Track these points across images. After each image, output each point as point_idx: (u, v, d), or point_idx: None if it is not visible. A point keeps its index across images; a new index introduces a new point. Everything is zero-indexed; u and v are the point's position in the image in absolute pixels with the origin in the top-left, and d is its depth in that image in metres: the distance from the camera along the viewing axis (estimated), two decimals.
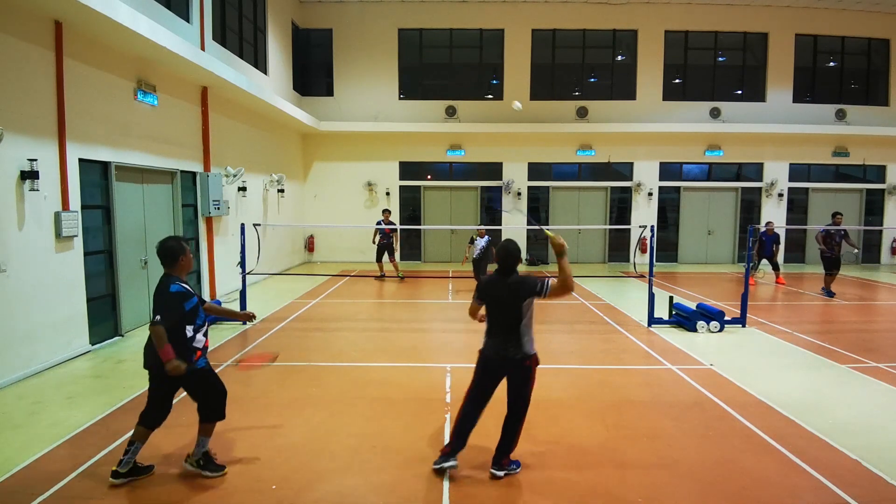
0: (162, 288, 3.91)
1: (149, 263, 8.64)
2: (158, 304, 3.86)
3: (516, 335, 3.93)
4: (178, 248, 4.05)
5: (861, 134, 16.64)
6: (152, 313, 3.86)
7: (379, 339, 7.86)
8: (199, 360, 4.03)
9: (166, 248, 4.02)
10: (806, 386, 6.01)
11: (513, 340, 3.93)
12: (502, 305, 3.97)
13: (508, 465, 4.04)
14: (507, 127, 16.52)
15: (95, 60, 7.30)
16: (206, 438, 4.07)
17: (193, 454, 4.05)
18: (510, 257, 4.02)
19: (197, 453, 4.03)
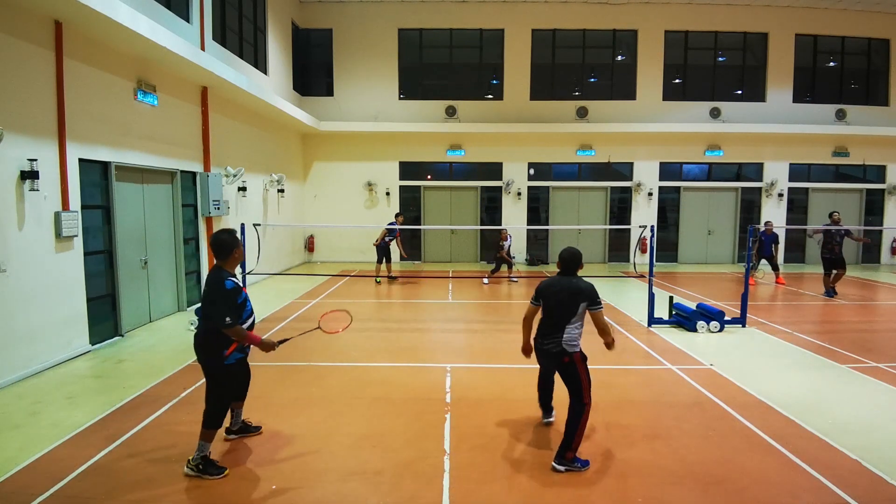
0: (217, 284, 3.91)
1: (149, 263, 8.65)
2: (217, 300, 3.88)
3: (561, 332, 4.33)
4: (233, 241, 4.08)
5: (861, 134, 16.64)
6: (208, 308, 3.92)
7: (379, 339, 7.86)
8: (231, 354, 4.05)
9: (221, 241, 4.03)
10: (806, 386, 6.01)
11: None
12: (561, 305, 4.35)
13: (572, 462, 4.09)
14: (507, 127, 16.53)
15: (95, 60, 7.30)
16: (206, 444, 4.04)
17: (193, 458, 4.02)
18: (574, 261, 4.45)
19: (196, 458, 4.01)
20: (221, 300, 3.88)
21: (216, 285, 3.91)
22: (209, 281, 3.96)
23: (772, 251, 13.00)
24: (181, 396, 5.55)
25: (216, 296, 3.88)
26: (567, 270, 4.38)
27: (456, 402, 5.47)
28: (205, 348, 4.03)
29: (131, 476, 3.98)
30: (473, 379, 6.19)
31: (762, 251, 13.02)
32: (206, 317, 3.98)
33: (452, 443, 4.56)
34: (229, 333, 3.92)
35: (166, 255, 9.24)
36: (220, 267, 4.03)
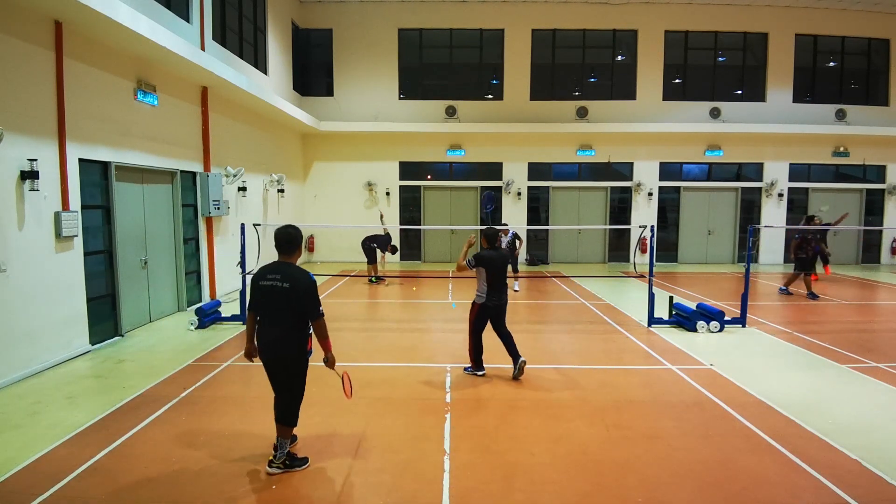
0: (307, 277, 3.98)
1: (149, 263, 8.64)
2: (312, 295, 3.95)
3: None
4: (300, 235, 4.17)
5: (861, 134, 16.64)
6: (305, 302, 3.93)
7: (379, 339, 7.86)
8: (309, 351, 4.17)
9: (291, 235, 4.09)
10: (806, 386, 6.01)
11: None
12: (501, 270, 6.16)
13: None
14: (507, 127, 16.53)
15: (95, 60, 7.30)
16: (285, 440, 4.05)
17: (276, 458, 4.02)
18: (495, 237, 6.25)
19: (280, 456, 4.02)
20: (314, 293, 3.98)
21: (307, 279, 3.98)
22: (292, 277, 3.95)
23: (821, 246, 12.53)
24: (181, 396, 5.55)
25: (307, 290, 3.95)
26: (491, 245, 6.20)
27: (456, 402, 5.47)
28: (297, 345, 4.03)
29: (131, 476, 3.98)
30: (473, 379, 6.19)
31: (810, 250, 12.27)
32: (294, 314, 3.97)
33: (452, 443, 4.56)
34: (320, 325, 4.01)
35: (166, 255, 9.24)
36: (289, 262, 4.08)
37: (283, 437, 4.05)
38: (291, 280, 3.95)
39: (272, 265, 4.09)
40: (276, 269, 4.02)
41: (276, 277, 3.97)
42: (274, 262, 4.12)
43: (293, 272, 3.99)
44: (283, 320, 3.97)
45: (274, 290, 3.96)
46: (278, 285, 3.95)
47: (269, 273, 4.02)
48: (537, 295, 11.84)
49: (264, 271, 4.07)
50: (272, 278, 3.98)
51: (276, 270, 4.01)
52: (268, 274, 4.03)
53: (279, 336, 4.00)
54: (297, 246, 4.14)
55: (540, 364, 6.77)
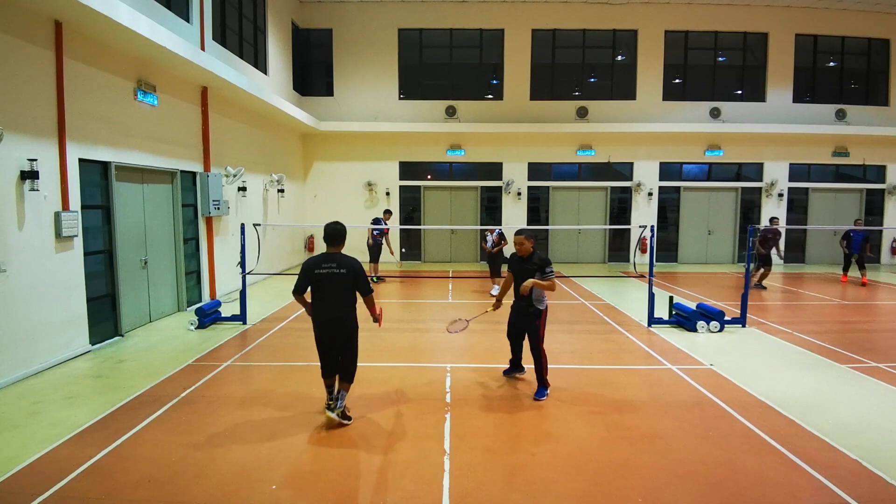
0: (354, 262, 4.82)
1: (149, 263, 8.64)
2: (363, 276, 4.82)
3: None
4: (345, 230, 4.98)
5: (861, 134, 16.64)
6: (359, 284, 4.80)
7: (379, 339, 7.85)
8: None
9: (339, 231, 4.91)
10: (806, 386, 6.01)
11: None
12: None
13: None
14: (507, 127, 16.53)
15: (95, 60, 7.30)
16: (345, 393, 4.93)
17: (336, 406, 4.83)
18: None
19: (339, 406, 4.83)
20: (364, 275, 4.84)
21: (356, 265, 4.82)
22: (347, 264, 4.77)
23: (861, 249, 12.90)
24: (181, 396, 5.55)
25: (360, 273, 4.80)
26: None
27: (456, 402, 5.47)
28: (353, 320, 4.89)
29: (131, 476, 3.98)
30: (473, 379, 6.19)
31: (851, 249, 13.08)
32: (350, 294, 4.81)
33: (452, 443, 4.56)
34: (370, 299, 4.96)
35: (166, 255, 9.24)
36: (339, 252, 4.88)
37: (345, 391, 4.93)
38: (346, 266, 4.74)
39: (325, 255, 4.85)
40: (330, 259, 4.79)
41: (332, 265, 4.75)
42: (324, 253, 4.89)
43: (346, 261, 4.80)
44: (343, 299, 4.78)
45: (332, 275, 4.72)
46: (335, 271, 4.72)
47: (324, 262, 4.77)
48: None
49: (318, 261, 4.80)
50: (328, 266, 4.74)
51: (331, 259, 4.78)
52: (323, 263, 4.77)
53: (344, 313, 4.81)
54: (343, 238, 4.95)
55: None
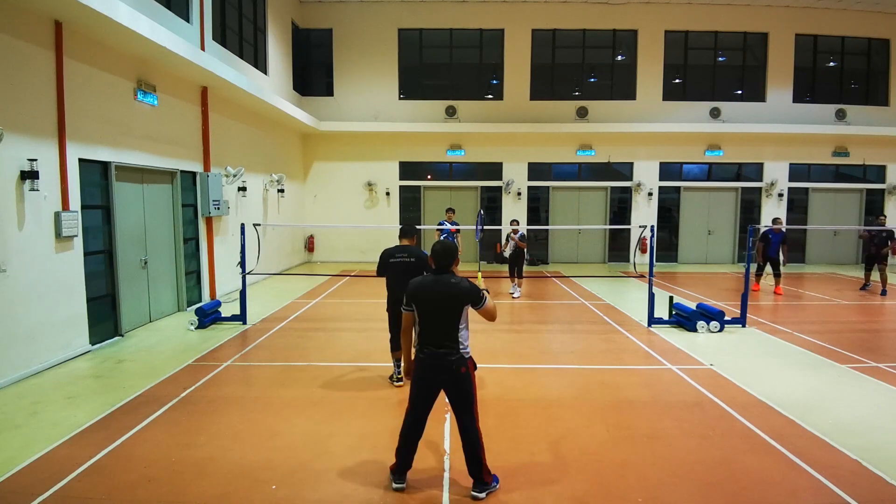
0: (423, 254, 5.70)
1: (149, 263, 8.64)
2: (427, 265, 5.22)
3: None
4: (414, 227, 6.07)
5: (861, 134, 16.64)
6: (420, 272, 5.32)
7: (379, 339, 7.84)
8: None
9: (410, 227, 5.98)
10: (806, 386, 6.01)
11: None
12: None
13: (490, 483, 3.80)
14: (507, 127, 16.53)
15: (95, 60, 7.30)
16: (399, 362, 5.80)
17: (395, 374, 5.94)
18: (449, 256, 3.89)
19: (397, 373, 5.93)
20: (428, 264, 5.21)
21: (423, 255, 5.68)
22: (417, 254, 5.76)
23: (778, 253, 11.95)
24: (181, 396, 5.55)
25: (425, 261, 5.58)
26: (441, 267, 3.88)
27: None
28: None
29: (131, 476, 3.98)
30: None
31: (768, 251, 12.06)
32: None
33: (452, 443, 4.55)
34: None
35: (166, 255, 9.24)
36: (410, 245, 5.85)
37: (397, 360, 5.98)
38: (415, 256, 5.74)
39: (398, 247, 5.83)
40: (403, 250, 5.80)
41: (404, 255, 5.74)
42: (398, 245, 5.85)
43: (415, 251, 5.81)
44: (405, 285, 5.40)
45: (403, 263, 5.70)
46: (406, 260, 5.72)
47: (398, 252, 5.78)
48: (537, 295, 11.84)
49: (393, 251, 5.81)
50: (401, 256, 5.75)
51: (404, 250, 5.79)
52: (396, 253, 5.78)
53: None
54: (412, 234, 5.91)
55: (540, 364, 6.77)
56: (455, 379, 3.76)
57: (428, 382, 3.84)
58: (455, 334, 3.75)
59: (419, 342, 3.86)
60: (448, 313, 3.74)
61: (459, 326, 3.76)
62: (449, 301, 3.74)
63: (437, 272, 3.87)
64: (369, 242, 17.21)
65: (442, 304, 3.75)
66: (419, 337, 3.86)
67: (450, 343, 3.74)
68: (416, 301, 3.83)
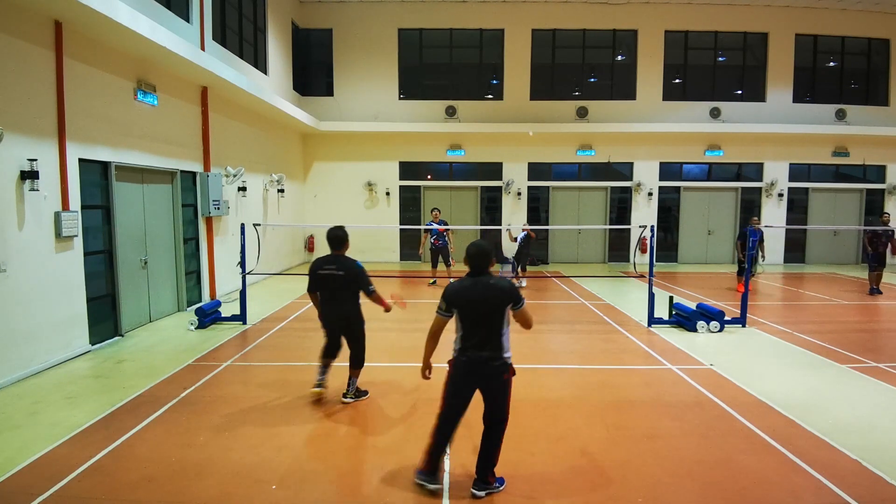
0: (355, 264, 5.21)
1: (149, 263, 8.64)
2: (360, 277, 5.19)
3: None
4: (346, 236, 5.34)
5: (861, 134, 16.64)
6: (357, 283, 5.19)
7: (379, 339, 7.85)
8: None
9: (339, 236, 5.28)
10: (806, 386, 6.01)
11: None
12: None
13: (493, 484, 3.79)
14: (507, 127, 16.52)
15: (95, 60, 7.30)
16: (355, 379, 5.44)
17: (349, 391, 5.41)
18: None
19: (351, 390, 5.42)
20: (363, 276, 5.20)
21: (353, 267, 5.20)
22: (345, 267, 5.18)
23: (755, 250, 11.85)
24: (181, 396, 5.55)
25: (357, 275, 5.19)
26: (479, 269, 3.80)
27: None
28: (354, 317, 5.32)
29: (131, 476, 3.98)
30: None
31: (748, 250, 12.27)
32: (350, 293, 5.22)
33: (453, 443, 4.55)
34: (373, 299, 5.26)
35: (166, 255, 9.24)
36: (340, 255, 5.26)
37: (354, 377, 5.44)
38: (344, 268, 5.16)
39: (327, 257, 5.25)
40: (332, 261, 5.21)
41: (333, 267, 5.16)
42: (328, 255, 5.29)
43: (344, 263, 5.21)
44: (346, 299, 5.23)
45: (332, 276, 5.15)
46: (334, 272, 5.14)
47: (326, 264, 5.20)
48: (537, 295, 11.84)
49: (321, 262, 5.22)
50: (329, 268, 5.17)
51: (332, 261, 5.20)
52: (324, 264, 5.20)
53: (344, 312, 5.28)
54: (342, 242, 5.30)
55: (540, 364, 6.76)
56: (497, 384, 3.72)
57: (467, 384, 3.78)
58: (499, 338, 3.69)
59: (459, 345, 3.76)
60: (490, 316, 3.68)
61: (503, 330, 3.70)
62: (490, 303, 3.68)
63: (474, 275, 3.79)
64: (369, 242, 17.21)
65: (484, 307, 3.68)
66: (460, 340, 3.75)
67: (493, 347, 3.68)
68: (456, 305, 3.74)
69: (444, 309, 3.80)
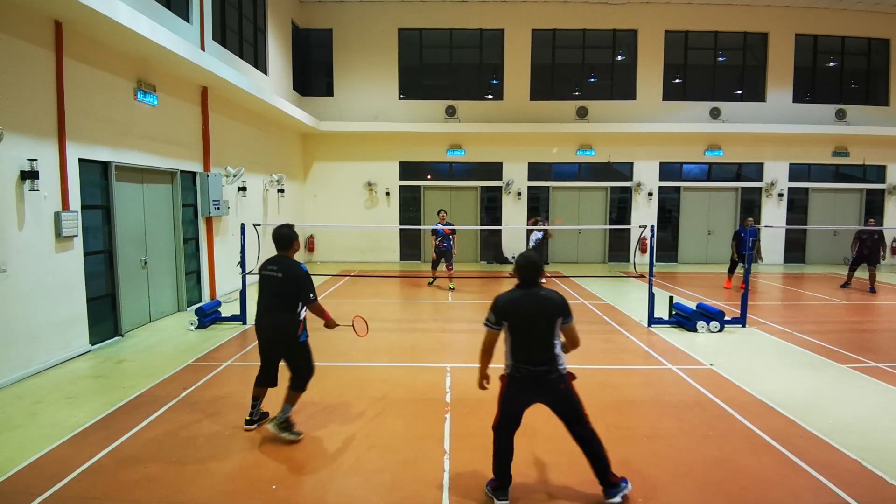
0: (297, 268, 4.50)
1: (149, 263, 8.64)
2: (302, 282, 4.48)
3: None
4: (293, 234, 4.67)
5: (861, 134, 16.64)
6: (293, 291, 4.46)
7: (379, 339, 7.85)
8: (303, 332, 4.57)
9: (283, 234, 4.61)
10: (806, 386, 6.01)
11: None
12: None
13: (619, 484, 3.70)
14: (507, 127, 16.52)
15: (95, 60, 7.30)
16: (290, 406, 4.55)
17: (277, 418, 4.51)
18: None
19: (280, 418, 4.51)
20: (305, 281, 4.49)
21: (296, 269, 4.50)
22: (286, 268, 4.49)
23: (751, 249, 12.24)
24: (181, 396, 5.55)
25: (299, 279, 4.47)
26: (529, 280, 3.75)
27: (456, 402, 5.46)
28: (290, 330, 4.50)
29: (132, 476, 3.98)
30: (473, 379, 6.14)
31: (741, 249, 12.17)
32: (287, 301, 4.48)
33: (452, 443, 4.56)
34: (313, 308, 4.58)
35: (166, 255, 9.24)
36: (285, 256, 4.60)
37: (289, 403, 4.58)
38: (284, 270, 4.49)
39: (272, 258, 4.66)
40: (275, 262, 4.59)
41: (273, 269, 4.53)
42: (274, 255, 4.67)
43: (284, 265, 4.53)
44: (280, 310, 4.49)
45: (271, 278, 4.51)
46: (274, 274, 4.50)
47: (269, 264, 4.60)
48: None
49: (265, 263, 4.65)
50: (270, 269, 4.55)
51: (275, 262, 4.58)
52: (268, 265, 4.60)
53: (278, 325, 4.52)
54: (289, 242, 4.62)
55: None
56: (558, 397, 3.68)
57: (523, 400, 3.74)
58: (552, 350, 3.65)
59: (511, 360, 3.67)
60: (543, 328, 3.64)
61: (555, 341, 3.66)
62: (542, 315, 3.64)
63: (525, 286, 3.72)
64: (369, 242, 17.23)
65: (536, 319, 3.63)
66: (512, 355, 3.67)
67: (548, 360, 3.63)
68: (507, 317, 3.65)
69: (493, 322, 3.68)
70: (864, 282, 12.54)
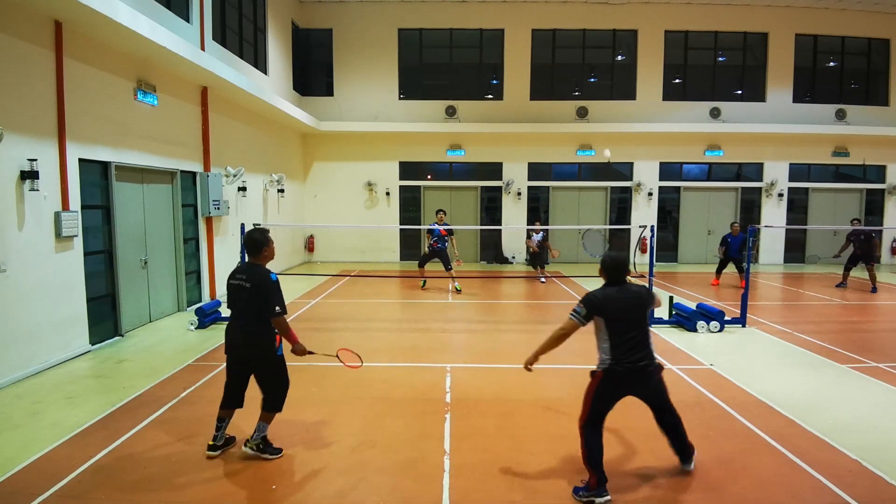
0: (265, 277, 4.10)
1: (149, 263, 8.64)
2: (269, 293, 4.07)
3: None
4: (264, 239, 4.28)
5: (861, 134, 16.64)
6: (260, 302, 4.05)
7: (379, 339, 7.85)
8: (278, 347, 4.22)
9: (254, 239, 4.24)
10: (806, 386, 6.01)
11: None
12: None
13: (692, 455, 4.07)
14: (507, 127, 16.53)
15: (95, 60, 7.30)
16: (265, 425, 4.24)
17: (252, 438, 4.23)
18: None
19: (256, 438, 4.22)
20: (273, 292, 4.08)
21: (264, 279, 4.10)
22: (254, 277, 4.11)
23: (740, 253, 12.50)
24: (181, 396, 5.55)
25: (267, 289, 4.07)
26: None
27: (456, 402, 5.46)
28: (263, 344, 4.16)
29: (131, 476, 3.98)
30: (473, 379, 6.19)
31: (729, 253, 12.69)
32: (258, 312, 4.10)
33: (452, 443, 4.56)
34: (278, 323, 4.10)
35: (166, 255, 9.24)
36: (255, 263, 4.23)
37: (264, 422, 4.26)
38: (253, 280, 4.11)
39: (241, 265, 4.39)
40: (243, 270, 4.24)
41: (241, 278, 4.16)
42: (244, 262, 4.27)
43: (253, 274, 4.14)
44: (251, 323, 4.14)
45: (239, 287, 4.14)
46: (242, 284, 4.14)
47: (238, 273, 4.24)
48: (537, 295, 11.84)
49: (234, 271, 4.31)
50: (238, 278, 4.18)
51: (243, 271, 4.22)
52: (236, 273, 4.24)
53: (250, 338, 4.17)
54: (260, 248, 4.24)
55: (540, 364, 6.73)
56: (653, 388, 3.87)
57: (620, 395, 3.86)
58: (649, 342, 3.81)
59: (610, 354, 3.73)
60: (639, 322, 3.80)
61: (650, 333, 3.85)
62: (638, 308, 3.82)
63: (615, 284, 3.88)
64: (369, 242, 17.23)
65: (633, 314, 3.79)
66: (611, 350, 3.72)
67: (647, 352, 3.78)
68: (605, 312, 3.75)
69: (582, 315, 3.76)
70: (862, 281, 12.59)
